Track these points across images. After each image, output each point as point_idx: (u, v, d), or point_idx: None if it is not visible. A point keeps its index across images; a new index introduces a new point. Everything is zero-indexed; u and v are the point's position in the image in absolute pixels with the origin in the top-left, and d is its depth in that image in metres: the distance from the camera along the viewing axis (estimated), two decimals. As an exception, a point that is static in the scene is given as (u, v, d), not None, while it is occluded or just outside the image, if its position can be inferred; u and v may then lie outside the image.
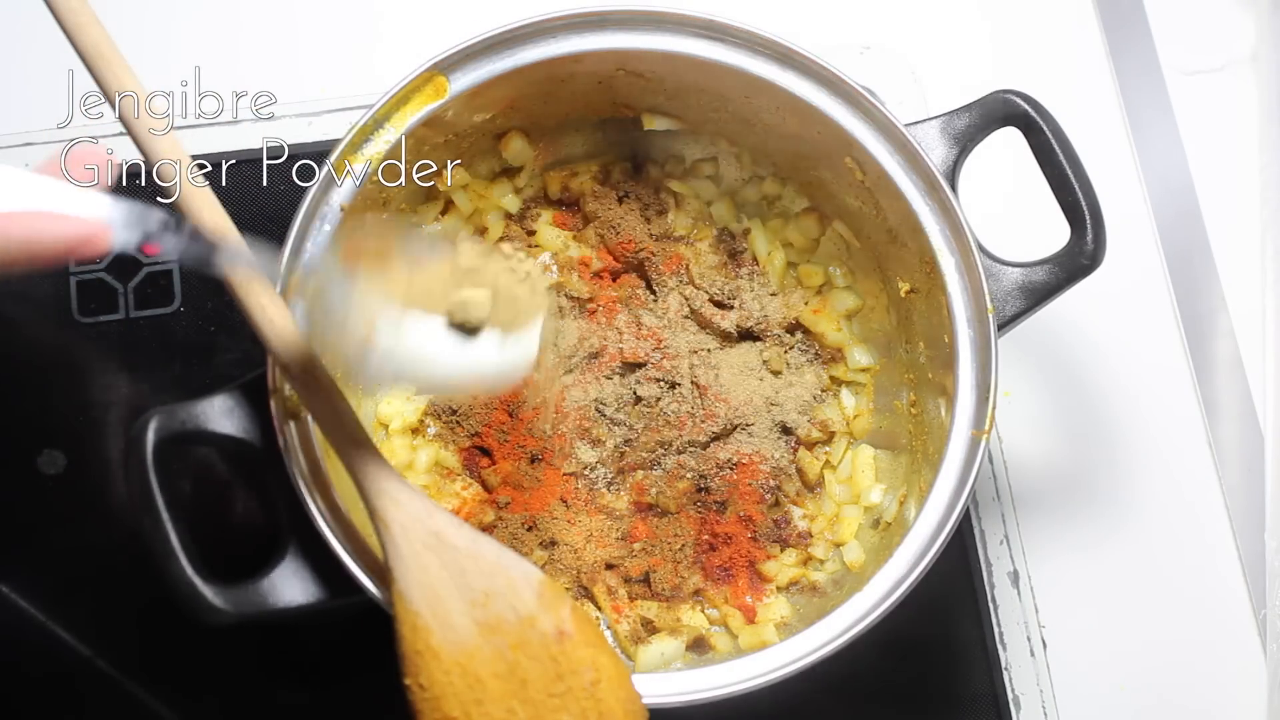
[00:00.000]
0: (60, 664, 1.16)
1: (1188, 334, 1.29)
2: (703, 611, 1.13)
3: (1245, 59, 1.37)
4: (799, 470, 1.17)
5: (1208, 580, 1.23)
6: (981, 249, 1.02)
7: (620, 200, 1.20)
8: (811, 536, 1.15)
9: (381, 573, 0.92)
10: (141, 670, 1.16)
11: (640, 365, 1.16)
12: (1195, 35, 1.23)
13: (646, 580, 1.13)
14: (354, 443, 0.87)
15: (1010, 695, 1.18)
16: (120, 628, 1.17)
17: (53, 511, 1.19)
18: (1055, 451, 1.26)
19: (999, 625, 1.20)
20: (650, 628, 1.10)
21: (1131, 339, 1.29)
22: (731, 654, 1.08)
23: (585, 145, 1.21)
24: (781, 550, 1.14)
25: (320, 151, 1.04)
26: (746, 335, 1.18)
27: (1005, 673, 1.18)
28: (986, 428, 0.98)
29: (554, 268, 1.19)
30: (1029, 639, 1.20)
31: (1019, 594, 1.21)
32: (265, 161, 1.26)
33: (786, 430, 1.16)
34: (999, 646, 1.19)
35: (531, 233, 1.20)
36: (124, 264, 1.23)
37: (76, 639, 1.16)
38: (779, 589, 1.13)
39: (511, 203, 1.20)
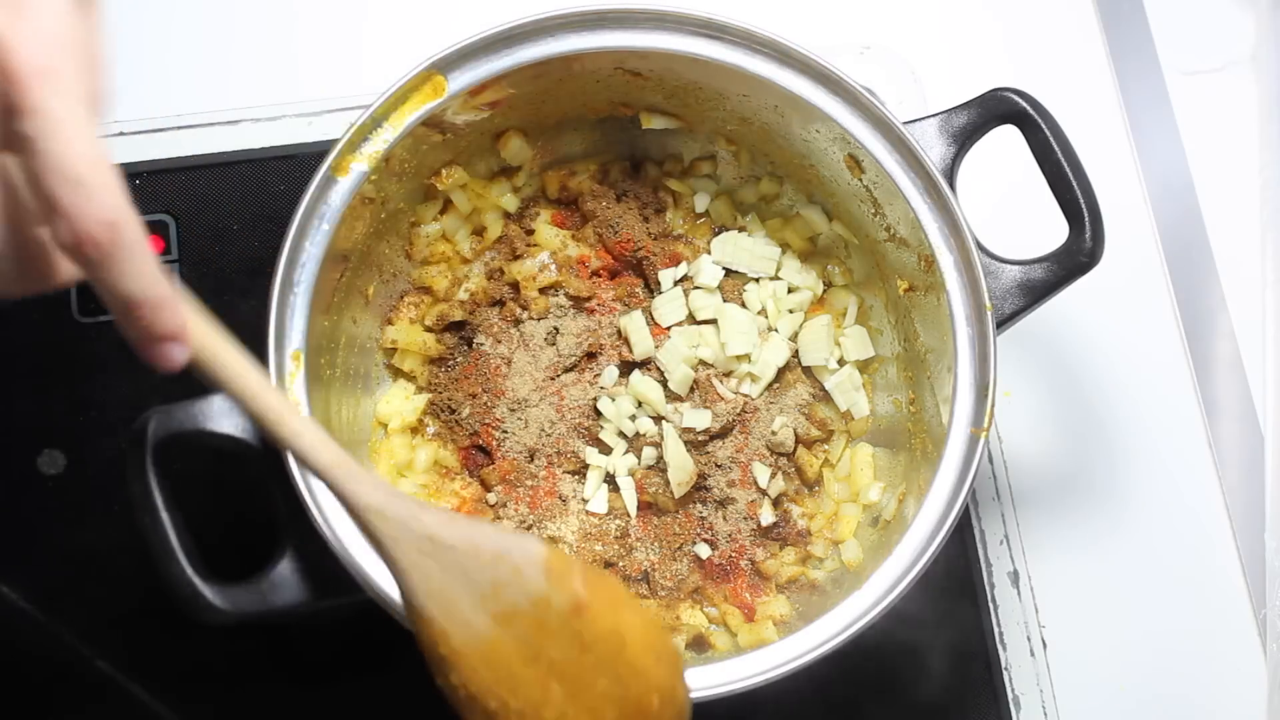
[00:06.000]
0: (60, 664, 1.15)
1: (1188, 334, 1.29)
2: (702, 610, 1.13)
3: (1245, 59, 1.37)
4: (798, 468, 1.17)
5: (1208, 580, 1.23)
6: (980, 247, 1.02)
7: (619, 199, 1.20)
8: (810, 535, 1.15)
9: (382, 572, 0.92)
10: (141, 670, 1.16)
11: (639, 364, 1.16)
12: (1195, 35, 1.23)
13: (646, 579, 1.13)
14: (329, 464, 0.82)
15: (1010, 695, 1.18)
16: (120, 628, 1.17)
17: (53, 511, 1.19)
18: (1055, 451, 1.26)
19: (999, 625, 1.20)
20: (650, 626, 1.11)
21: (1131, 339, 1.29)
22: (731, 652, 1.08)
23: (584, 144, 1.21)
24: (781, 548, 1.14)
25: (320, 151, 1.04)
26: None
27: (1005, 673, 1.18)
28: (985, 425, 0.98)
29: (552, 266, 1.19)
30: (1029, 639, 1.20)
31: (1019, 594, 1.21)
32: (265, 161, 1.26)
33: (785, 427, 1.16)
34: (999, 646, 1.19)
35: (530, 232, 1.20)
36: (124, 264, 1.23)
37: (76, 639, 1.16)
38: (778, 587, 1.13)
39: (510, 202, 1.20)
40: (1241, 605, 1.22)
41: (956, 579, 1.20)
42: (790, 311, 1.20)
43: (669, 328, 1.17)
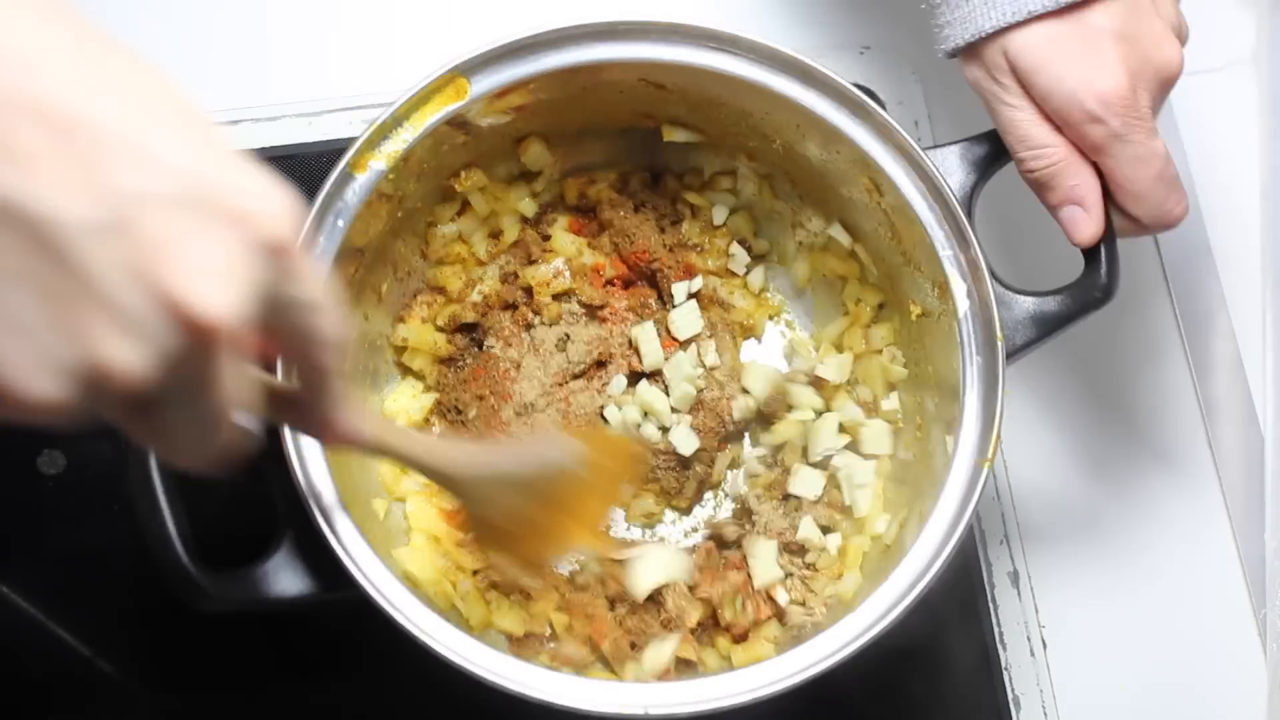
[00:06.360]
0: (60, 664, 1.15)
1: (1188, 334, 1.29)
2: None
3: (1245, 59, 1.37)
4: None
5: (1208, 580, 1.23)
6: (994, 276, 1.01)
7: (637, 209, 1.20)
8: (817, 570, 1.14)
9: (377, 568, 0.93)
10: (141, 669, 1.16)
11: (648, 375, 1.16)
12: (1195, 35, 1.23)
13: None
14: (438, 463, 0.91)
15: (1010, 695, 1.18)
16: (120, 628, 1.16)
17: (53, 511, 1.18)
18: (1054, 451, 1.26)
19: (999, 625, 1.20)
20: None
21: (1131, 339, 1.29)
22: (724, 669, 1.07)
23: (605, 153, 1.20)
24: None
25: (321, 152, 1.03)
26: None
27: (1005, 673, 1.19)
28: (990, 456, 0.97)
29: (567, 273, 1.19)
30: (1029, 639, 1.20)
31: (1019, 594, 1.21)
32: (265, 161, 1.26)
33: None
34: (999, 646, 1.19)
35: (546, 237, 1.20)
36: (125, 263, 1.23)
37: (76, 639, 1.16)
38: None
39: (528, 207, 1.19)
40: (1241, 605, 1.23)
41: (956, 579, 1.19)
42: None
43: (685, 341, 1.18)
